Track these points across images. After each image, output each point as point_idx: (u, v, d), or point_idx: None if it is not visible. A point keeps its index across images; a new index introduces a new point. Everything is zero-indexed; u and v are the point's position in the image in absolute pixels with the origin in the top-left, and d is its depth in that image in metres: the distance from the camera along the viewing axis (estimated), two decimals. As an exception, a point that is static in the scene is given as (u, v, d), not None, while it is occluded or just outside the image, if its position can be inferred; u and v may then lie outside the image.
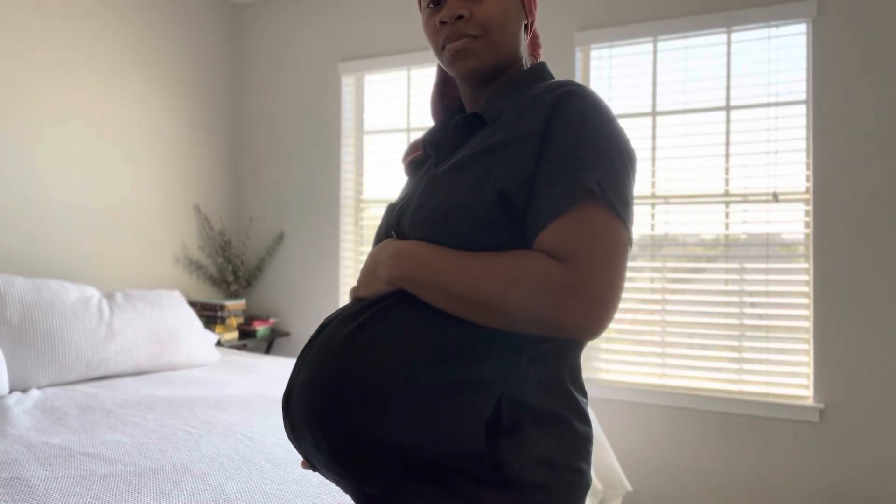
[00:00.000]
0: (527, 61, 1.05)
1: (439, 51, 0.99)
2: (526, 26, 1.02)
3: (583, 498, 0.89)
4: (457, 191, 0.88)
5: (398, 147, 3.66)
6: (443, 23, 0.96)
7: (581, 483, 0.88)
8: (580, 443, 0.89)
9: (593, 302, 0.79)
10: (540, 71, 1.02)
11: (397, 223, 0.96)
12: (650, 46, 3.05)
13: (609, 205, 0.82)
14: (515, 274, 0.81)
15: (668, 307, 3.01)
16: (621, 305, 3.09)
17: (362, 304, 0.92)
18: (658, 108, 3.04)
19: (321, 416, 0.87)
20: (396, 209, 0.99)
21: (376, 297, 0.91)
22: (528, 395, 0.85)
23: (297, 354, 3.82)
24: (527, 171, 0.85)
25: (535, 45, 1.11)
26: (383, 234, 1.01)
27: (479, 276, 0.83)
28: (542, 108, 0.87)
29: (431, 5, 1.00)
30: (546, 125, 0.86)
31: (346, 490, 0.92)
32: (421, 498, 0.84)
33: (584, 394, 0.94)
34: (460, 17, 0.95)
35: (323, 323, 0.97)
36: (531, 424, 0.84)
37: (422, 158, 1.09)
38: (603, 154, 0.84)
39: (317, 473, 1.21)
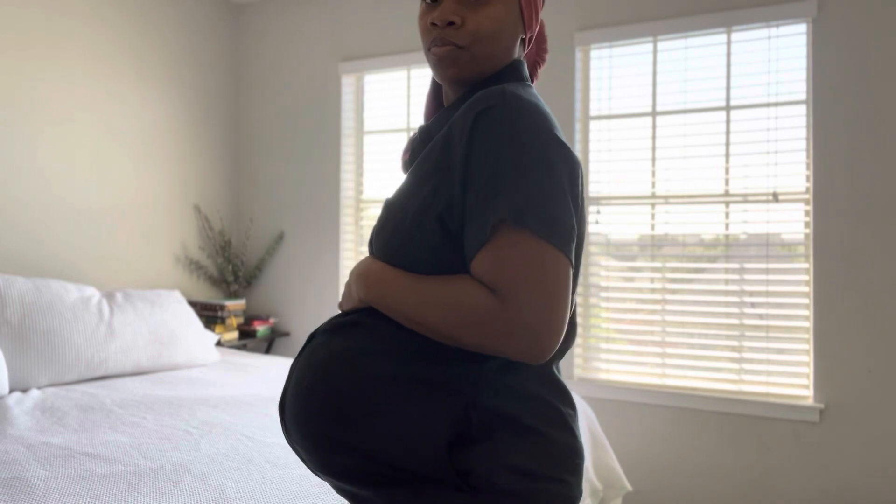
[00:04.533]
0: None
1: (426, 51, 0.98)
2: (523, 41, 1.00)
3: None
4: (405, 217, 0.89)
5: (398, 147, 3.66)
6: (433, 24, 0.95)
7: (565, 494, 0.87)
8: (562, 453, 0.88)
9: (531, 331, 0.78)
10: (502, 74, 0.97)
11: (371, 242, 0.99)
12: (650, 46, 3.05)
13: (528, 227, 0.79)
14: (453, 303, 0.82)
15: (668, 307, 3.01)
16: (621, 305, 3.09)
17: (339, 316, 0.96)
18: (658, 108, 3.04)
19: (303, 423, 0.90)
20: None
21: (352, 310, 0.95)
22: (498, 403, 0.85)
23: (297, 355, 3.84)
24: (457, 199, 0.85)
25: (539, 55, 1.08)
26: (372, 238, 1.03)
27: (422, 301, 0.84)
28: (464, 132, 0.85)
29: (429, 0, 0.97)
30: (465, 151, 0.84)
31: (336, 490, 0.94)
32: (391, 502, 0.85)
33: (569, 404, 0.93)
34: (451, 23, 0.93)
35: (311, 333, 0.99)
36: (503, 432, 0.85)
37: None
38: (521, 173, 0.80)
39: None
